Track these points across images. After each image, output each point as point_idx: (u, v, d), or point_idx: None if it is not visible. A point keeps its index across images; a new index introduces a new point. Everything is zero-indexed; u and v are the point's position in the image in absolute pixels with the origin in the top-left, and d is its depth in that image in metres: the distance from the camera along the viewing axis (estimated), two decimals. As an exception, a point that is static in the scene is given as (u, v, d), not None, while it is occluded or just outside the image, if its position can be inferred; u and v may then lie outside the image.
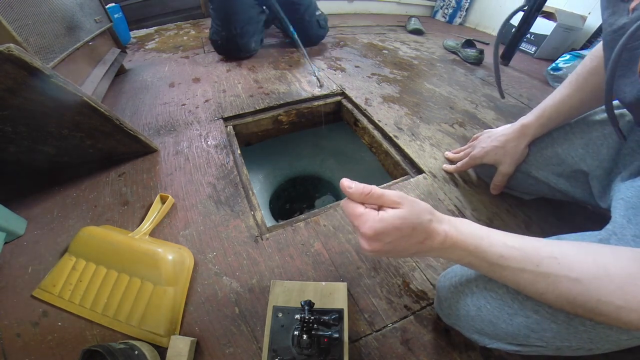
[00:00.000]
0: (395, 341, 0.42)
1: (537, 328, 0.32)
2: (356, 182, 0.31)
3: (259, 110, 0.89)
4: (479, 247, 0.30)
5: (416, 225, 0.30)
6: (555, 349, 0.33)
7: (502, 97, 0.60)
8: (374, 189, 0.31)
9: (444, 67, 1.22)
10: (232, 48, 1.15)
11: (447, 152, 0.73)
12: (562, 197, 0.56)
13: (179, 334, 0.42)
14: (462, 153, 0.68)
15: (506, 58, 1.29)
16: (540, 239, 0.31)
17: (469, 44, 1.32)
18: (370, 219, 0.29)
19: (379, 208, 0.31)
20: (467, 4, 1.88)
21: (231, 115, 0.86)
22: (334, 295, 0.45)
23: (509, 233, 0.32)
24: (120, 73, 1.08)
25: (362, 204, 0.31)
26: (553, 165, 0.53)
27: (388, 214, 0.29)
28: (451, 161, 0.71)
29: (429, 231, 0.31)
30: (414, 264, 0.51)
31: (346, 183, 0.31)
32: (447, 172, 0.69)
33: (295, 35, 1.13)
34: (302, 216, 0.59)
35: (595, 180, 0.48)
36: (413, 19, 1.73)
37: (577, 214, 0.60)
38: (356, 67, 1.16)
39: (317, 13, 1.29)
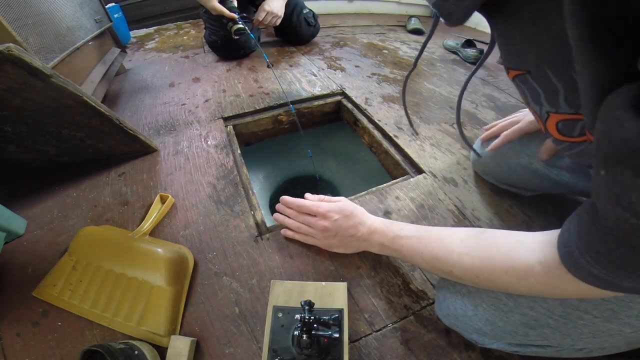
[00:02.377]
0: (395, 341, 0.42)
1: (535, 325, 0.32)
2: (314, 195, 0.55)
3: (259, 110, 0.89)
4: (389, 226, 0.45)
5: (353, 210, 0.48)
6: (557, 349, 0.33)
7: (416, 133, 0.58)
8: (325, 197, 0.53)
9: (444, 67, 1.22)
10: (233, 47, 1.15)
11: (483, 135, 0.63)
12: (565, 191, 0.55)
13: (179, 334, 0.42)
14: (503, 125, 0.60)
15: (506, 58, 1.29)
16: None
17: (469, 44, 1.32)
18: (324, 204, 0.49)
19: None
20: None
21: (231, 115, 0.86)
22: (334, 295, 0.45)
23: None
24: (120, 73, 1.08)
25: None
26: (553, 157, 0.52)
27: (335, 203, 0.50)
28: (489, 138, 0.62)
29: (362, 218, 0.47)
30: (414, 264, 0.51)
31: (308, 196, 0.56)
32: (493, 149, 0.59)
33: (253, 35, 1.11)
34: (302, 216, 0.59)
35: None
36: (413, 19, 1.73)
37: (577, 214, 0.60)
38: (356, 66, 1.16)
39: (305, 11, 1.29)
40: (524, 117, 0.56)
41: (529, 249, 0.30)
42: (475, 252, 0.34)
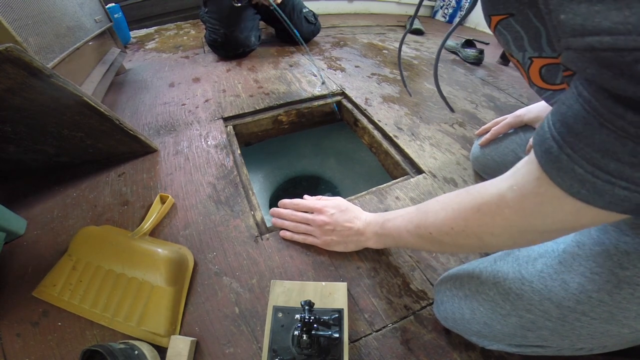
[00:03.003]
0: (395, 341, 0.42)
1: (533, 327, 0.32)
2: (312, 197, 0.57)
3: (259, 110, 0.89)
4: (380, 215, 0.47)
5: (348, 206, 0.50)
6: (557, 349, 0.33)
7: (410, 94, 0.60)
8: (323, 197, 0.55)
9: (443, 67, 1.22)
10: (232, 44, 1.15)
11: (478, 131, 0.68)
12: None
13: (179, 334, 0.42)
14: (496, 121, 0.64)
15: (506, 58, 1.29)
16: None
17: (468, 44, 1.32)
18: (320, 201, 0.52)
19: None
20: (467, 4, 1.88)
21: (231, 115, 0.86)
22: (334, 295, 0.45)
23: None
24: (120, 73, 1.08)
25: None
26: None
27: (331, 200, 0.53)
28: (483, 133, 0.66)
29: (357, 213, 0.49)
30: (414, 264, 0.51)
31: (306, 197, 0.57)
32: (483, 144, 0.64)
33: (298, 33, 1.14)
34: (302, 216, 0.59)
35: None
36: (413, 19, 1.73)
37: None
38: (356, 67, 1.16)
39: (305, 10, 1.30)
40: (512, 114, 0.61)
41: (498, 180, 0.29)
42: (447, 204, 0.34)
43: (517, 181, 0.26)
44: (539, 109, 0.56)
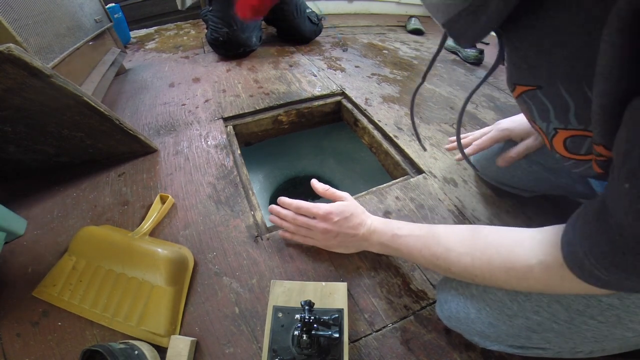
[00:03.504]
0: (395, 341, 0.42)
1: (539, 329, 0.32)
2: (321, 183, 0.53)
3: (259, 110, 0.89)
4: (387, 225, 0.46)
5: (353, 211, 0.47)
6: (557, 351, 0.33)
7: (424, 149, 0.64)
8: (330, 188, 0.52)
9: (444, 67, 1.22)
10: (233, 43, 1.15)
11: (448, 145, 0.64)
12: (563, 193, 0.55)
13: (179, 334, 0.42)
14: (475, 135, 0.60)
15: (506, 58, 1.29)
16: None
17: (469, 44, 1.32)
18: (324, 205, 0.48)
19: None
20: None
21: (231, 115, 0.86)
22: (334, 295, 0.45)
23: None
24: (120, 73, 1.08)
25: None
26: (552, 160, 0.52)
27: (336, 202, 0.49)
28: (457, 148, 0.61)
29: (362, 218, 0.47)
30: (414, 264, 0.51)
31: (315, 183, 0.53)
32: (459, 160, 0.62)
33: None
34: (302, 216, 0.59)
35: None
36: (413, 19, 1.73)
37: (577, 214, 0.60)
38: (356, 67, 1.16)
39: (308, 10, 1.31)
40: (495, 126, 0.56)
41: (528, 248, 0.30)
42: (473, 252, 0.34)
43: (545, 258, 0.28)
44: (528, 123, 0.54)
